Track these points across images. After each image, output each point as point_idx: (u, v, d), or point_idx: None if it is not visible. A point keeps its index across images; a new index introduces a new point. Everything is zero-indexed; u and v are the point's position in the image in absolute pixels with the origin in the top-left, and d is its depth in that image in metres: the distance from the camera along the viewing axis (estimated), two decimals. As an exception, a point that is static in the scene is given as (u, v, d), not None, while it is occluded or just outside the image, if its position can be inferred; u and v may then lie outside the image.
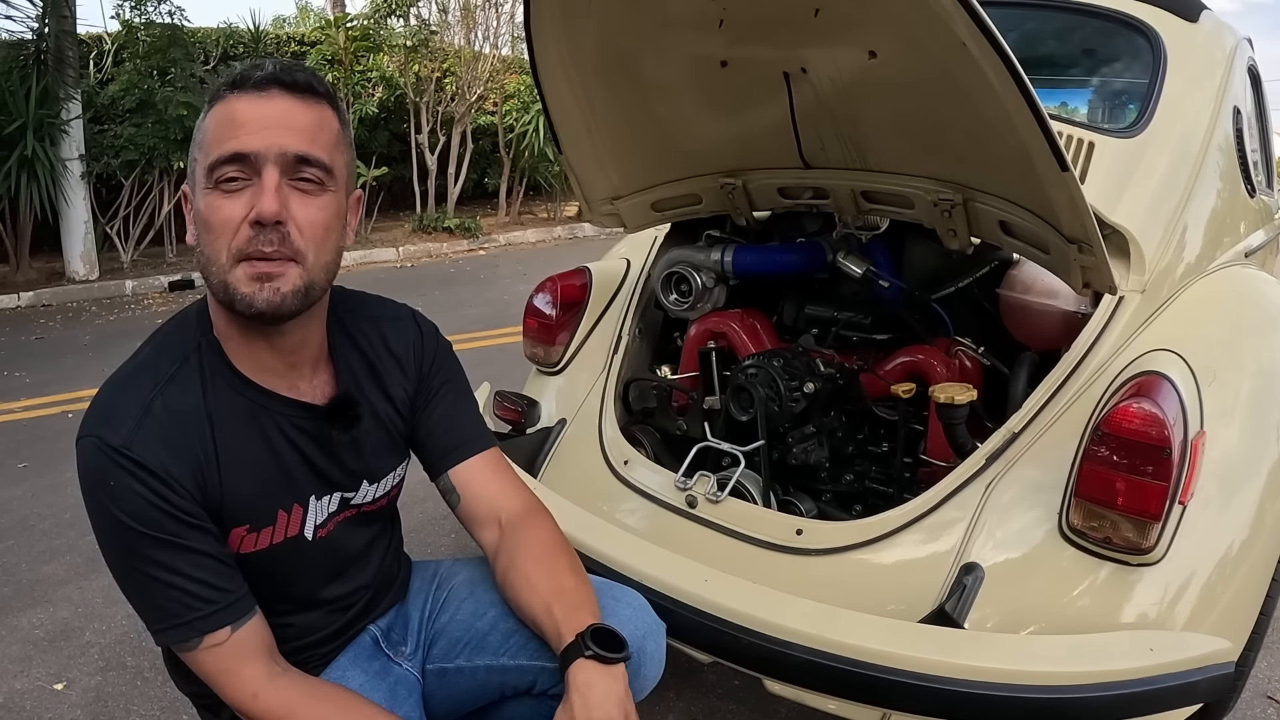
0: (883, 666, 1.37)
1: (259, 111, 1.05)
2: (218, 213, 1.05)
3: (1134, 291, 1.74)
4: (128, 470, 1.06)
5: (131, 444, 1.06)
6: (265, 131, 1.05)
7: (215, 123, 1.07)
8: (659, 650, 1.29)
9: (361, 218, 1.64)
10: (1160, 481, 1.41)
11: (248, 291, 1.06)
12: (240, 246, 1.05)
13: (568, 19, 1.69)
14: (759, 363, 1.95)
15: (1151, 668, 1.34)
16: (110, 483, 1.06)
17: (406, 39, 8.87)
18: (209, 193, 1.06)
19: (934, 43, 1.37)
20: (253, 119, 1.05)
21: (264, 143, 1.04)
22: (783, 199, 2.11)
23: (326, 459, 1.22)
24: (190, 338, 1.16)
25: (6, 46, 7.20)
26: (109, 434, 1.07)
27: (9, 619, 2.45)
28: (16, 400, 4.45)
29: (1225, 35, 2.32)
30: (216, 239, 1.05)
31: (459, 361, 1.40)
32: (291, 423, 1.18)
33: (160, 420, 1.09)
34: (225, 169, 1.04)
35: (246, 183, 1.05)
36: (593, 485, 1.95)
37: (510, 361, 2.50)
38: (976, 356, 2.00)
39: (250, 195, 1.04)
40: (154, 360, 1.14)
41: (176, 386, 1.12)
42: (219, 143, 1.05)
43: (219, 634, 1.10)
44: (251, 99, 1.06)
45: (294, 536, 1.21)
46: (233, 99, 1.06)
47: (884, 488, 1.95)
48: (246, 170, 1.04)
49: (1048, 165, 1.41)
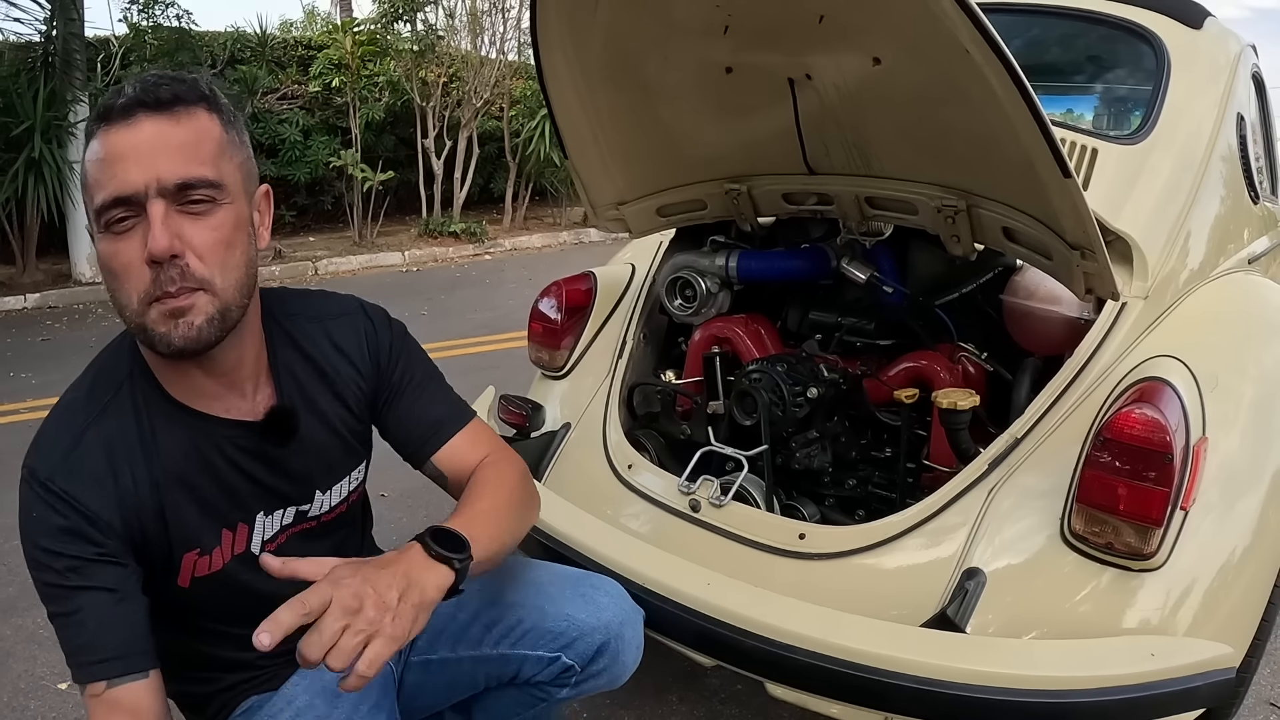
0: (885, 670, 1.37)
1: (129, 142, 1.00)
2: (116, 258, 1.02)
3: (1137, 298, 1.75)
4: (47, 503, 1.05)
5: (55, 476, 1.06)
6: (140, 164, 0.99)
7: (92, 163, 1.02)
8: (636, 637, 1.30)
9: (366, 220, 1.63)
10: (1162, 487, 1.41)
11: (164, 331, 1.03)
12: (145, 289, 1.01)
13: (574, 25, 1.70)
14: (763, 368, 1.95)
15: (1153, 673, 1.34)
16: (33, 514, 1.06)
17: (413, 44, 8.88)
18: (103, 237, 1.02)
19: (938, 50, 1.38)
20: (125, 152, 1.00)
21: (141, 178, 0.99)
22: (787, 205, 2.11)
23: (272, 474, 1.20)
24: (123, 367, 1.13)
25: (14, 49, 7.23)
26: (39, 465, 1.07)
27: (13, 618, 2.46)
28: (22, 401, 4.46)
29: (1229, 42, 2.32)
30: (121, 284, 1.02)
31: (416, 342, 1.36)
32: (231, 443, 1.16)
33: (90, 451, 1.08)
34: (112, 212, 1.00)
35: (136, 219, 1.01)
36: (597, 489, 1.96)
37: (515, 366, 2.51)
38: (980, 362, 2.01)
39: (142, 232, 1.00)
40: (89, 390, 1.12)
41: (111, 417, 1.10)
42: (100, 185, 1.01)
43: (96, 686, 1.04)
44: (119, 131, 1.00)
45: (240, 554, 1.19)
46: (103, 134, 1.01)
47: (887, 493, 1.95)
48: (133, 208, 1.00)
49: (1050, 172, 1.41)
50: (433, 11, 9.19)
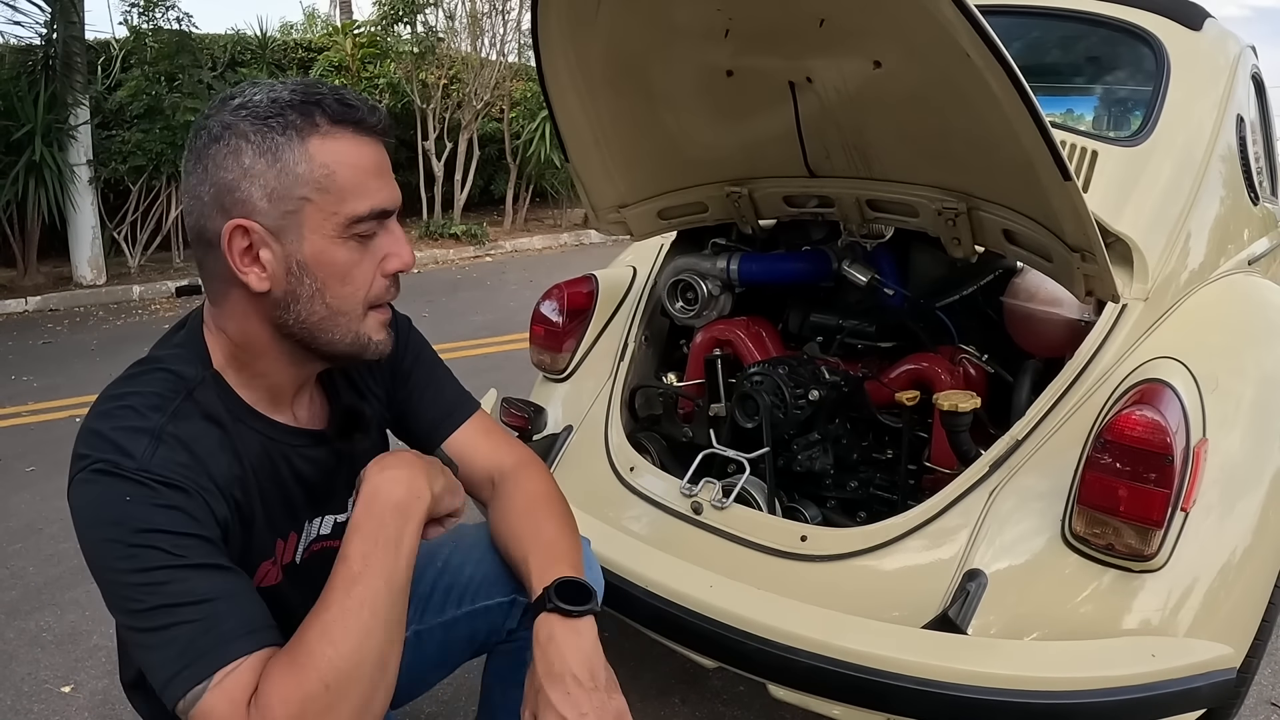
0: (886, 672, 1.37)
1: (383, 161, 1.06)
2: (357, 265, 1.05)
3: (1137, 299, 1.75)
4: (147, 486, 0.95)
5: (149, 465, 0.96)
6: (392, 184, 1.06)
7: (345, 165, 1.01)
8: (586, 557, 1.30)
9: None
10: (1163, 488, 1.42)
11: (381, 338, 1.10)
12: (378, 295, 1.08)
13: (575, 28, 1.71)
14: (764, 370, 1.96)
15: (1153, 674, 1.34)
16: (126, 498, 0.94)
17: (413, 46, 8.90)
18: (344, 242, 1.03)
19: (938, 53, 1.39)
20: (384, 169, 1.06)
21: (395, 198, 1.06)
22: (788, 207, 2.12)
23: (325, 483, 1.20)
24: (192, 371, 1.07)
25: (15, 52, 7.23)
26: (120, 459, 0.95)
27: (17, 622, 2.46)
28: (24, 404, 4.46)
29: (1228, 43, 2.33)
30: (349, 290, 1.05)
31: (419, 332, 1.38)
32: (298, 452, 1.15)
33: (174, 447, 0.99)
34: (368, 223, 1.04)
35: (376, 233, 1.06)
36: (599, 491, 1.96)
37: (517, 368, 2.51)
38: (980, 364, 2.01)
39: (382, 244, 1.06)
40: (153, 393, 1.03)
41: (184, 419, 1.02)
42: (362, 193, 1.02)
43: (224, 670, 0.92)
44: (373, 145, 1.05)
45: (287, 564, 1.19)
46: (355, 139, 1.03)
47: (888, 494, 1.95)
48: (380, 223, 1.06)
49: (1050, 174, 1.42)
50: (433, 13, 9.22)
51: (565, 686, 1.05)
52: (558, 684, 1.05)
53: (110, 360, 5.20)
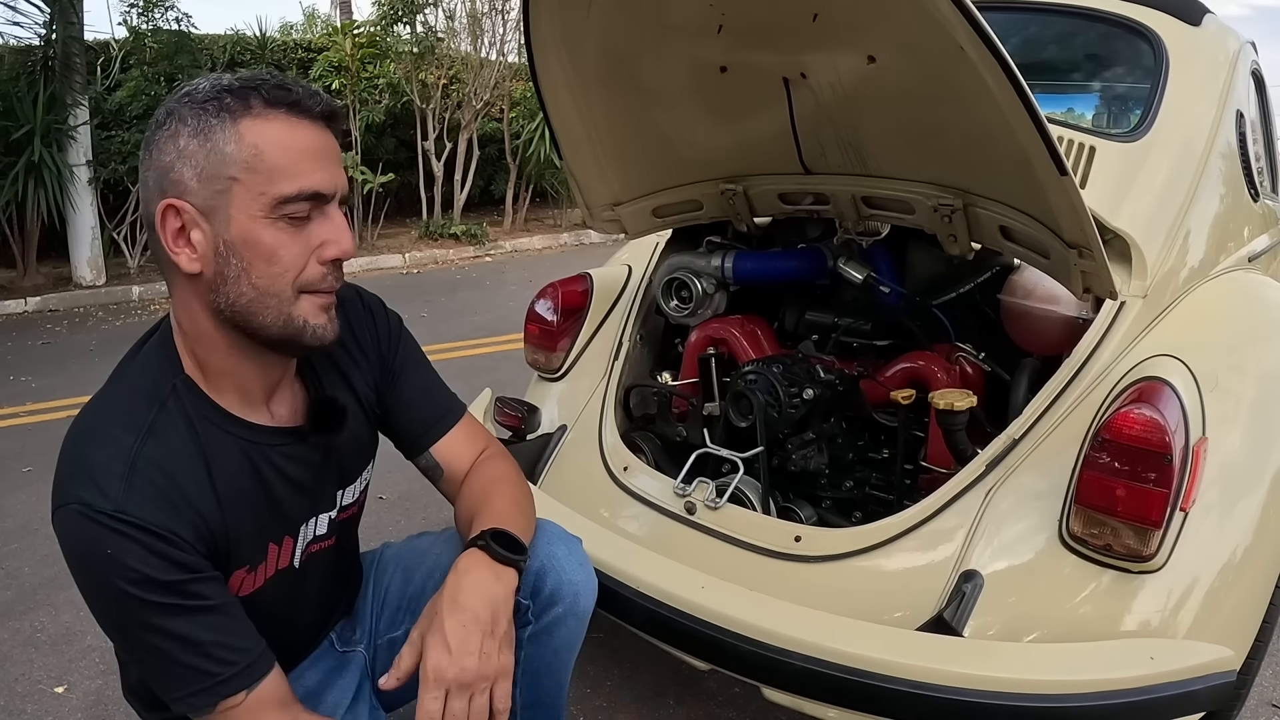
0: (881, 675, 1.36)
1: (321, 144, 1.03)
2: (286, 247, 1.02)
3: (1135, 297, 1.73)
4: (125, 535, 0.97)
5: (125, 506, 0.97)
6: (330, 168, 1.04)
7: (276, 147, 1.00)
8: (574, 556, 1.30)
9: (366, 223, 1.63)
10: (1161, 488, 1.40)
11: (319, 323, 1.07)
12: (312, 281, 1.05)
13: (567, 25, 1.69)
14: (759, 369, 1.94)
15: (1152, 676, 1.33)
16: (108, 551, 0.97)
17: (413, 46, 8.89)
18: (273, 223, 1.01)
19: (932, 48, 1.37)
20: (319, 151, 1.03)
21: (332, 181, 1.04)
22: (783, 205, 2.10)
23: (314, 480, 1.19)
24: (163, 381, 1.08)
25: (14, 53, 7.23)
26: (96, 499, 0.97)
27: (11, 622, 2.45)
28: (22, 405, 4.46)
29: (1228, 39, 2.31)
30: (278, 272, 1.02)
31: (410, 332, 1.38)
32: (280, 452, 1.14)
33: (150, 475, 1.01)
34: (298, 205, 1.01)
35: (309, 216, 1.03)
36: (593, 491, 1.95)
37: (514, 368, 2.50)
38: (977, 362, 2.00)
39: (315, 229, 1.04)
40: (128, 412, 1.05)
41: (160, 435, 1.04)
42: (292, 174, 1.00)
43: (235, 698, 1.03)
44: (309, 128, 1.02)
45: (284, 569, 1.18)
46: (288, 121, 1.01)
47: (884, 494, 1.94)
48: (313, 205, 1.03)
49: (1047, 170, 1.40)
50: (432, 14, 9.21)
51: (462, 619, 1.05)
52: (457, 614, 1.05)
53: (109, 361, 5.10)
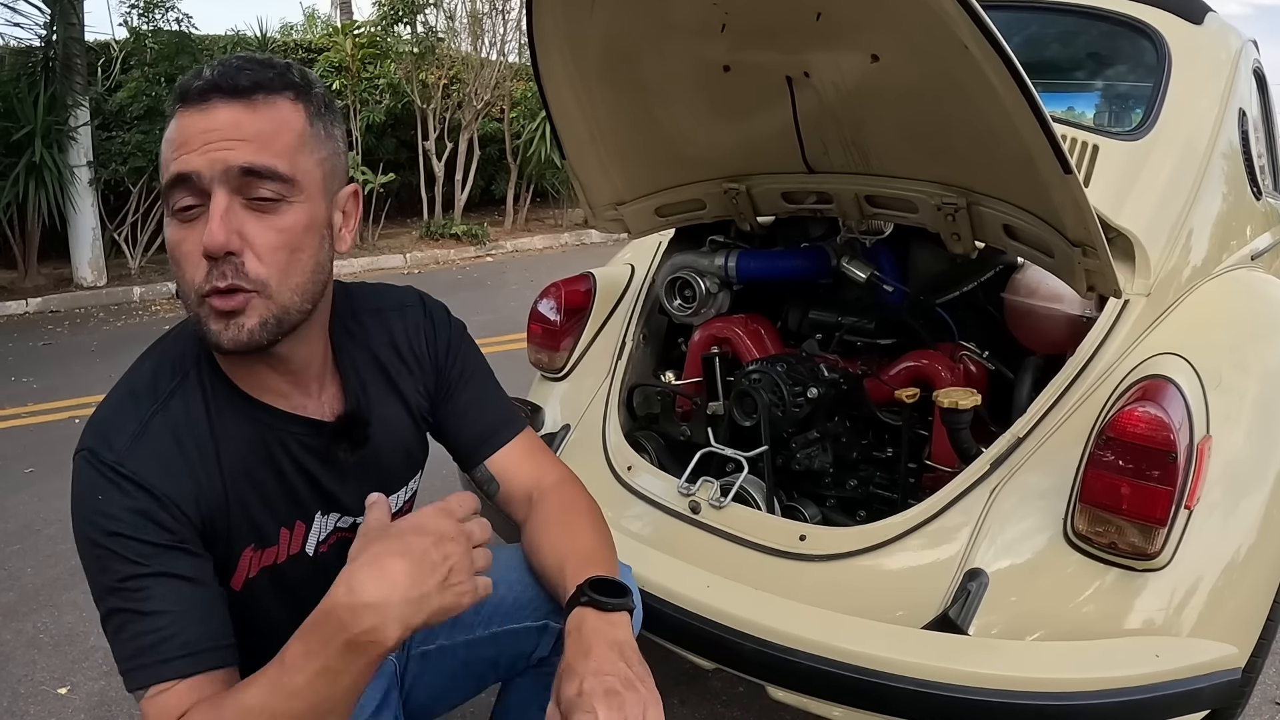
0: (886, 674, 1.36)
1: (200, 126, 0.94)
2: (180, 246, 0.97)
3: (1139, 295, 1.73)
4: (118, 485, 0.97)
5: (125, 460, 0.98)
6: (207, 148, 0.93)
7: (164, 144, 0.97)
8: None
9: (367, 223, 1.61)
10: (1166, 486, 1.40)
11: (215, 329, 0.97)
12: (200, 282, 0.96)
13: (570, 24, 1.69)
14: (763, 368, 1.94)
15: (1157, 674, 1.33)
16: (98, 497, 0.97)
17: (414, 46, 8.90)
18: (169, 222, 0.98)
19: (936, 46, 1.37)
20: (193, 136, 0.94)
21: (206, 161, 0.93)
22: (786, 204, 2.10)
23: (334, 480, 1.17)
24: (188, 354, 1.08)
25: (15, 53, 7.25)
26: (103, 449, 0.99)
27: (14, 623, 2.46)
28: (24, 405, 4.46)
29: (1230, 37, 2.31)
30: (183, 272, 0.97)
31: (474, 341, 1.35)
32: (297, 440, 1.12)
33: (159, 438, 1.01)
34: (177, 195, 0.95)
35: (203, 208, 0.95)
36: (596, 491, 1.90)
37: (517, 368, 2.49)
38: (981, 361, 1.99)
39: (206, 222, 0.94)
40: (151, 378, 1.06)
41: (178, 404, 1.04)
42: (165, 165, 0.96)
43: (170, 684, 0.95)
44: (192, 114, 0.95)
45: (295, 554, 1.17)
46: (178, 116, 0.97)
47: (888, 493, 1.94)
48: (200, 195, 0.95)
49: (1051, 168, 1.40)
50: (433, 14, 9.21)
51: (593, 661, 0.98)
52: (586, 659, 0.98)
53: (110, 362, 5.20)
